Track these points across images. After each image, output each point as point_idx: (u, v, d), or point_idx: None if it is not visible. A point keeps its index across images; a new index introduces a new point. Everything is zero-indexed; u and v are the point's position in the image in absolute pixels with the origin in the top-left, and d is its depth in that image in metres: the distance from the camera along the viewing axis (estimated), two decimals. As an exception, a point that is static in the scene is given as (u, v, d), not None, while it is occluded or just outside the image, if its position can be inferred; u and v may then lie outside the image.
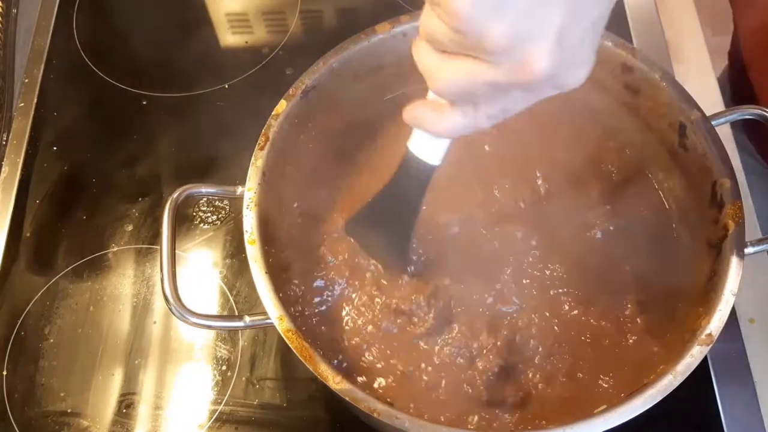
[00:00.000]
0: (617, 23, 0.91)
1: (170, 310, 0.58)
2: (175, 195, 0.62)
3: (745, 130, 0.91)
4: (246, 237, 0.60)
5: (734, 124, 0.85)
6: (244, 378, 0.72)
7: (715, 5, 1.04)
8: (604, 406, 0.53)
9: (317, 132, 0.70)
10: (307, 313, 0.65)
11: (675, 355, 0.55)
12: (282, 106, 0.66)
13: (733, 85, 0.93)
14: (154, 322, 0.75)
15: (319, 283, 0.66)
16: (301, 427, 0.70)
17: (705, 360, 0.69)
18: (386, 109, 0.73)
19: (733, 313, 0.72)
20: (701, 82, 0.88)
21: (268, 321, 0.56)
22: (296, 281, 0.65)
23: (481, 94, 0.43)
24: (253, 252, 0.59)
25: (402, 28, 0.69)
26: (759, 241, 0.60)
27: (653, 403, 0.52)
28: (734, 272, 0.57)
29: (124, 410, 0.71)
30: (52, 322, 0.75)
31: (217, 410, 0.70)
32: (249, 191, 0.62)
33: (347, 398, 0.53)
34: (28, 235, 0.80)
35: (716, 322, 0.55)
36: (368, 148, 0.73)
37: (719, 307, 0.55)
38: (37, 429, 0.70)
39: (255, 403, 0.70)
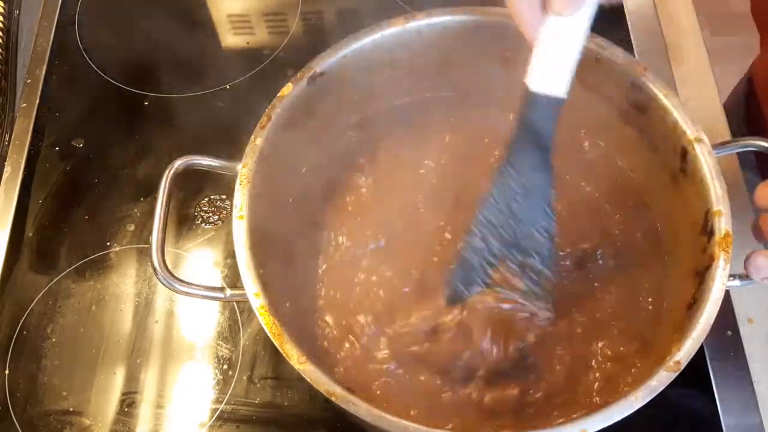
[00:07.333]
0: (616, 24, 0.91)
1: (158, 279, 0.58)
2: (176, 164, 0.62)
3: (756, 156, 0.90)
4: (234, 212, 0.60)
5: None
6: (245, 377, 0.72)
7: (715, 6, 1.05)
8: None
9: (324, 121, 0.69)
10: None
11: (642, 377, 0.54)
12: (288, 88, 0.65)
13: (746, 102, 0.91)
14: (156, 322, 0.75)
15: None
16: (302, 426, 0.70)
17: (704, 360, 0.71)
18: (399, 111, 0.73)
19: (732, 313, 0.73)
20: (700, 84, 0.88)
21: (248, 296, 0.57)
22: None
23: None
24: (240, 227, 0.59)
25: (417, 24, 0.67)
26: (746, 276, 0.58)
27: (605, 425, 0.51)
28: (713, 303, 0.55)
29: (126, 409, 0.71)
30: (55, 321, 0.75)
31: (218, 409, 0.70)
32: (244, 167, 0.61)
33: (308, 379, 0.53)
34: (30, 234, 0.81)
35: (687, 350, 0.53)
36: (375, 147, 0.73)
37: (692, 335, 0.54)
38: (39, 428, 0.70)
39: (256, 402, 0.71)
